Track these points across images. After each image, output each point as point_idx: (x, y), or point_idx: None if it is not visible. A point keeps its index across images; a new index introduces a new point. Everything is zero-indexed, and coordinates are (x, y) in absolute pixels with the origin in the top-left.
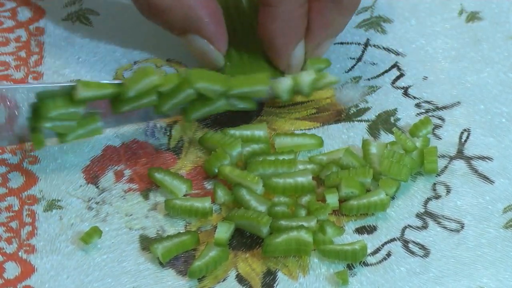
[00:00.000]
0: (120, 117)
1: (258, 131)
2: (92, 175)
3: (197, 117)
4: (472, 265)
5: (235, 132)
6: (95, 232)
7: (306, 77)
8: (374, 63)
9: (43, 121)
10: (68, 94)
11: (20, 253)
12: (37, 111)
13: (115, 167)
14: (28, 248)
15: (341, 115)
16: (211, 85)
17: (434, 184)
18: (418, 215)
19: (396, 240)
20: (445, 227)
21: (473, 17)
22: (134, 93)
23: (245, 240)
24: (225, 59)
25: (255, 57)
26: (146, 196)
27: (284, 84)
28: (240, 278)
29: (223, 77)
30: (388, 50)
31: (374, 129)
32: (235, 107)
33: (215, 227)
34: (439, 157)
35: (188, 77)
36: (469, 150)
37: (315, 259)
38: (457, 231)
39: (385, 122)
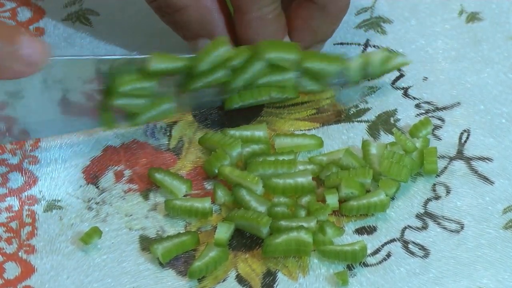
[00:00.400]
0: (192, 98)
1: (258, 131)
2: (92, 175)
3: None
4: (472, 266)
5: (235, 132)
6: (95, 232)
7: (376, 56)
8: None
9: (115, 97)
10: (140, 68)
11: (20, 253)
12: (108, 89)
13: (115, 167)
14: (28, 248)
15: (341, 116)
16: (283, 54)
17: (434, 184)
18: (418, 216)
19: (396, 240)
20: (445, 228)
21: (473, 17)
22: (207, 66)
23: (245, 240)
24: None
25: None
26: (146, 197)
27: (355, 63)
28: (240, 279)
29: (294, 45)
30: (388, 50)
31: (374, 129)
32: (304, 88)
33: (215, 228)
34: (439, 158)
35: (259, 49)
36: (469, 151)
37: (315, 259)
38: (457, 231)
39: (385, 122)
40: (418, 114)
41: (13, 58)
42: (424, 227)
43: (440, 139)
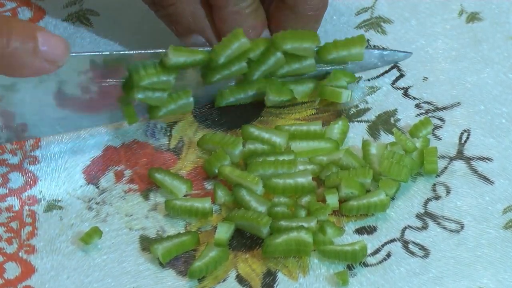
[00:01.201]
0: (210, 91)
1: (276, 137)
2: (92, 175)
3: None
4: (472, 266)
5: (255, 130)
6: (95, 232)
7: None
8: None
9: (135, 91)
10: (159, 62)
11: (20, 254)
12: (128, 84)
13: (115, 168)
14: (28, 248)
15: (341, 116)
16: (299, 44)
17: (434, 184)
18: (418, 216)
19: (396, 240)
20: (445, 228)
21: (473, 17)
22: (224, 59)
23: (245, 240)
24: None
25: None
26: (146, 197)
27: None
28: (240, 279)
29: (311, 33)
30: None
31: (374, 129)
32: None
33: (215, 228)
34: (439, 158)
35: (275, 40)
36: (469, 151)
37: (315, 259)
38: (457, 231)
39: (385, 122)
40: (418, 114)
41: (33, 55)
42: (424, 227)
43: (440, 139)
